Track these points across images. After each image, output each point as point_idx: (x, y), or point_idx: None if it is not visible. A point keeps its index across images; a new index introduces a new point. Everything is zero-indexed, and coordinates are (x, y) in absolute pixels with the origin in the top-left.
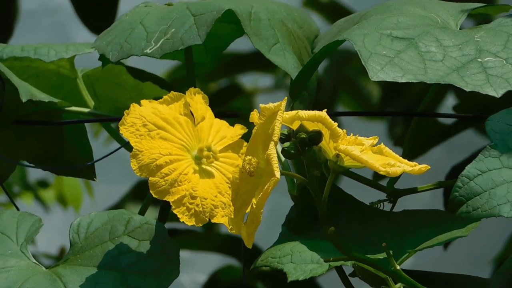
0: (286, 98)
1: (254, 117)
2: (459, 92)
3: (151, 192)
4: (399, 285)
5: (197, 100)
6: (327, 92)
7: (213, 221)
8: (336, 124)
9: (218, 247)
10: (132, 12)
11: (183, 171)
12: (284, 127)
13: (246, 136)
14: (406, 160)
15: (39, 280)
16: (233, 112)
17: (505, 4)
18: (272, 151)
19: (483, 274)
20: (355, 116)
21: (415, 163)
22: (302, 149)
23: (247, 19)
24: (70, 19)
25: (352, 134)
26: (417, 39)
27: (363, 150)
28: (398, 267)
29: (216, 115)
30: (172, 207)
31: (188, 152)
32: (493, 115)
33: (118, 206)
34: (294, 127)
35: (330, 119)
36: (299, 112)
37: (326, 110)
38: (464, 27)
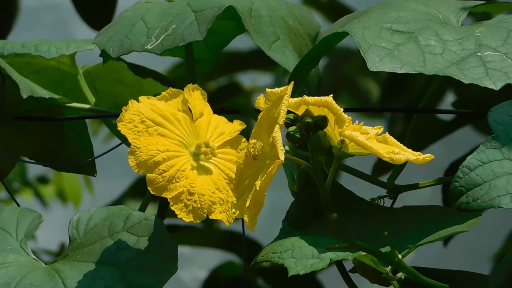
0: (292, 82)
1: (260, 102)
2: (458, 89)
3: (149, 188)
4: (400, 274)
5: (195, 96)
6: (326, 91)
7: (211, 217)
8: (342, 109)
9: (218, 243)
10: (133, 8)
11: (181, 167)
12: (289, 113)
13: (245, 132)
14: (410, 150)
15: (38, 275)
16: (233, 108)
17: (506, 2)
18: (277, 134)
19: (483, 271)
20: (355, 115)
21: (419, 153)
22: (307, 133)
23: (247, 16)
24: (71, 16)
25: (357, 121)
26: (417, 33)
27: (368, 138)
28: (399, 256)
29: (216, 111)
30: (170, 203)
31: (186, 149)
32: (495, 106)
33: (118, 202)
34: (300, 113)
35: (336, 105)
36: (305, 97)
37: (332, 95)
38: (465, 24)
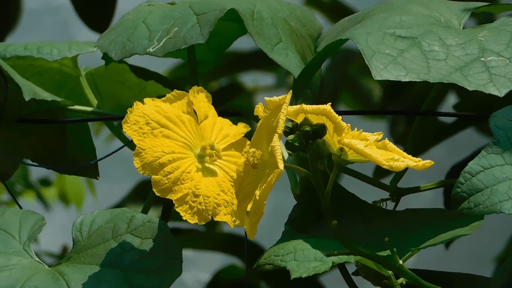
0: (291, 91)
1: (259, 110)
2: (460, 91)
3: (154, 190)
4: (401, 280)
5: (200, 99)
6: (328, 92)
7: (215, 219)
8: (340, 117)
9: (221, 246)
10: (135, 11)
11: (186, 169)
12: (288, 121)
13: (249, 135)
14: (410, 156)
15: (42, 278)
16: (235, 111)
17: (508, 3)
18: (276, 143)
19: (485, 273)
20: (356, 116)
21: (419, 159)
22: (306, 142)
23: (249, 18)
24: (72, 18)
25: (356, 128)
26: (420, 38)
27: (367, 145)
28: (401, 262)
29: (218, 113)
30: (175, 205)
31: (191, 151)
32: (496, 112)
33: (120, 205)
34: (298, 121)
35: (335, 113)
36: (304, 106)
37: (330, 103)
38: (467, 26)
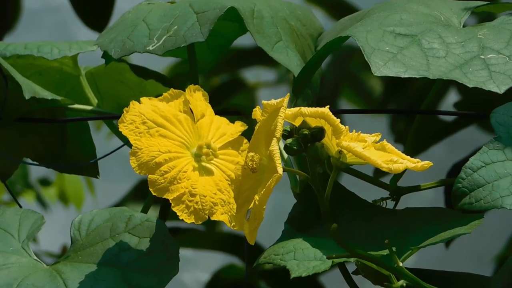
0: (288, 94)
1: (257, 113)
2: (460, 89)
3: (150, 189)
4: (401, 282)
5: (196, 97)
6: (329, 88)
7: (212, 218)
8: (338, 120)
9: (220, 245)
10: (135, 10)
11: (182, 168)
12: (286, 124)
13: (247, 133)
14: (409, 157)
15: (39, 277)
16: (234, 110)
17: (508, 2)
18: (275, 147)
19: (485, 272)
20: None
21: (417, 160)
22: (305, 145)
23: (249, 17)
24: (72, 18)
25: (354, 130)
26: (420, 36)
27: (366, 146)
28: (400, 264)
29: (217, 112)
30: (172, 204)
31: (188, 150)
32: (498, 108)
33: (120, 204)
34: (297, 124)
35: (333, 116)
36: (302, 109)
37: (328, 106)
38: (467, 25)
